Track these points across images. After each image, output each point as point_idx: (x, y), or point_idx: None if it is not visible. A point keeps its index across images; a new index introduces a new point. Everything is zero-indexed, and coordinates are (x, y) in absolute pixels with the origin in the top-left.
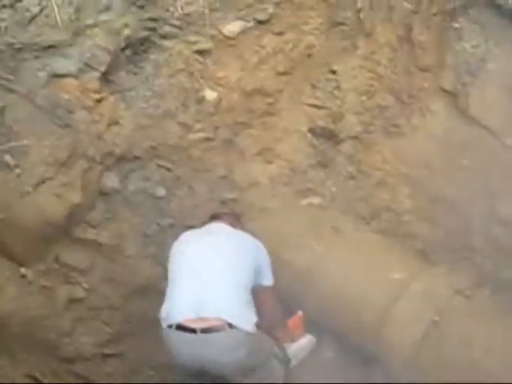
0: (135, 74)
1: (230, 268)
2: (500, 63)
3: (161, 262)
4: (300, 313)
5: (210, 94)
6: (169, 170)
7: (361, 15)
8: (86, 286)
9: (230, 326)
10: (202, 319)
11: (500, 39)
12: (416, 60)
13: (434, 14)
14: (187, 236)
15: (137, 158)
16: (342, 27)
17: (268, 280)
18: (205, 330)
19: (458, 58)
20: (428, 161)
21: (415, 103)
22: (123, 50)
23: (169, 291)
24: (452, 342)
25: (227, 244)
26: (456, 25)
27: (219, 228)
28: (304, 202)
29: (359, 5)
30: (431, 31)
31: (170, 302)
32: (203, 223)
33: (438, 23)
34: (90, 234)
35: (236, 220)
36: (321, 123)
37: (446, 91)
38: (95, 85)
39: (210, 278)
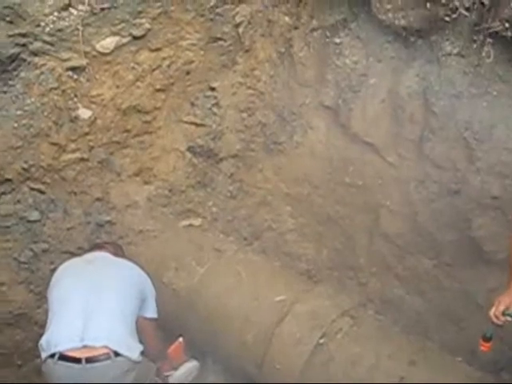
0: (5, 92)
1: (115, 296)
2: (381, 79)
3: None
4: (180, 339)
5: (85, 113)
6: (42, 192)
7: (240, 30)
8: None
9: (116, 354)
10: (86, 348)
11: (381, 55)
12: (296, 76)
13: (314, 29)
14: (68, 264)
15: (8, 180)
16: (221, 43)
17: (151, 312)
18: (90, 360)
19: (339, 73)
20: (310, 178)
21: (297, 120)
22: None
23: (49, 321)
24: (337, 363)
25: (111, 272)
26: (337, 40)
27: (102, 257)
28: (184, 223)
29: (238, 19)
30: (311, 46)
31: (52, 331)
32: (85, 251)
33: (317, 38)
34: None
35: (118, 250)
36: (200, 141)
37: (327, 107)
38: None
39: (94, 307)
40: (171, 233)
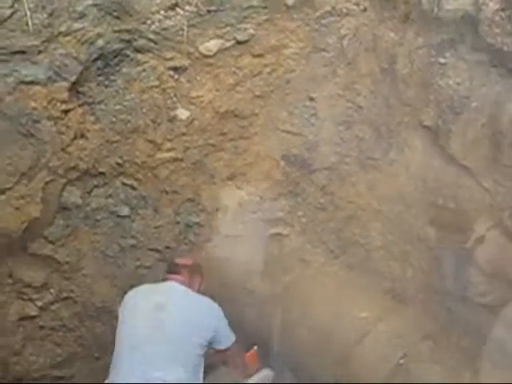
0: (106, 86)
1: (178, 345)
2: (484, 103)
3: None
4: (255, 348)
5: (183, 113)
6: (134, 188)
7: (344, 42)
8: (39, 303)
9: None
10: None
11: (485, 79)
12: (398, 93)
13: (419, 47)
14: (138, 297)
15: (101, 173)
16: (324, 54)
17: (225, 343)
18: None
19: (441, 94)
20: (403, 197)
21: (394, 137)
22: (95, 60)
23: (114, 362)
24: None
25: (178, 317)
26: (441, 60)
27: (173, 293)
28: (272, 231)
29: (342, 32)
30: (415, 65)
31: (114, 380)
32: (163, 277)
33: (422, 57)
34: (47, 250)
35: (195, 273)
36: (295, 151)
37: (426, 127)
38: (64, 95)
39: (155, 357)
40: (259, 240)
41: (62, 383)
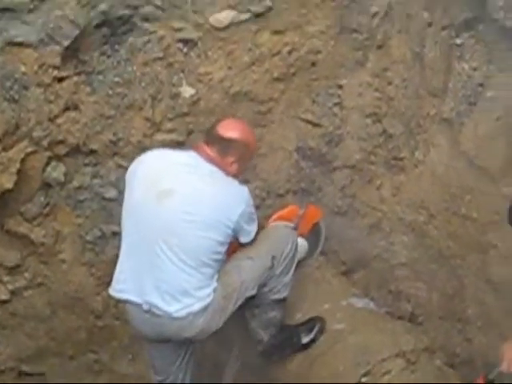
0: (108, 56)
1: (189, 249)
2: (501, 92)
3: None
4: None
5: (188, 91)
6: (126, 169)
7: (374, 22)
8: (10, 287)
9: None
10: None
11: (503, 64)
12: (425, 81)
13: (444, 28)
14: (147, 175)
15: (92, 151)
16: (356, 35)
17: (248, 236)
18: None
19: (458, 81)
20: (427, 205)
21: (421, 134)
22: (99, 27)
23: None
24: None
25: (193, 211)
26: (458, 41)
27: (194, 177)
28: None
29: (373, 10)
30: (439, 47)
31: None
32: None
33: (445, 38)
34: (23, 229)
35: (235, 155)
36: (312, 143)
37: (446, 121)
38: (56, 60)
39: (161, 261)
40: None
41: None
